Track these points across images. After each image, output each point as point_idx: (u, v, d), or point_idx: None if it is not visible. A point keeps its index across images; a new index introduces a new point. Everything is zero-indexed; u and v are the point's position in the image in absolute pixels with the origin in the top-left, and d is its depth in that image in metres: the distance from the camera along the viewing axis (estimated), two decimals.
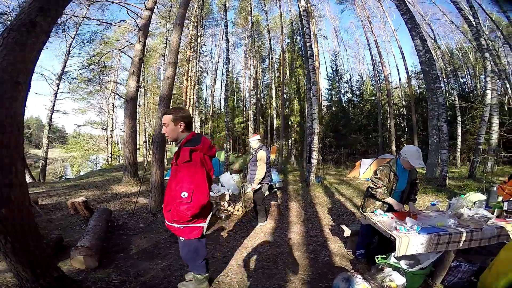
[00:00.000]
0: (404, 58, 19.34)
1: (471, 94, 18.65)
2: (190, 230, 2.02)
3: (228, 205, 4.98)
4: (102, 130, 21.67)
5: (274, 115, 21.22)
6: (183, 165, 1.84)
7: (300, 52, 19.66)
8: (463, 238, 2.18)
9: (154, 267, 2.94)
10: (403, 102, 22.84)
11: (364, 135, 19.79)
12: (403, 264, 2.22)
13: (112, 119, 22.05)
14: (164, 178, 5.61)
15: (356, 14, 21.00)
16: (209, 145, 2.04)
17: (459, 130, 13.90)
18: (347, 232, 3.26)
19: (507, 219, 2.42)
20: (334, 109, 22.07)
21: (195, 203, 1.83)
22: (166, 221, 2.06)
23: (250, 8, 17.25)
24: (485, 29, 13.49)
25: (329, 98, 22.81)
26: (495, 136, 9.44)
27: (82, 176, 13.62)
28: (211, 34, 24.75)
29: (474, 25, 9.40)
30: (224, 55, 13.22)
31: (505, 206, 2.42)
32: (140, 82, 16.46)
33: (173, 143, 2.18)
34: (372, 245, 3.17)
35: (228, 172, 7.05)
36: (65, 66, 14.70)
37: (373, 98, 22.13)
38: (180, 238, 2.10)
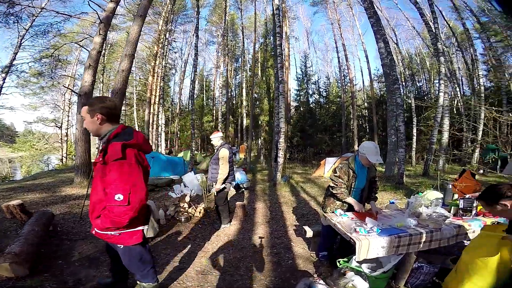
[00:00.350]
0: (368, 62, 20.73)
1: (425, 97, 20.25)
2: (128, 235, 1.75)
3: (189, 207, 4.68)
4: (56, 128, 19.82)
5: (244, 114, 21.09)
6: (114, 163, 1.55)
7: (272, 53, 19.79)
8: (423, 239, 2.16)
9: (98, 275, 2.65)
10: (365, 104, 24.20)
11: (329, 135, 20.49)
12: (365, 267, 2.15)
13: (68, 116, 20.24)
14: None
15: (328, 17, 21.93)
16: (144, 139, 1.78)
17: (414, 130, 15.15)
18: (309, 233, 3.16)
19: (463, 217, 2.47)
20: (302, 109, 22.53)
21: (133, 205, 1.56)
22: (95, 229, 1.74)
23: (225, 6, 16.92)
24: (442, 35, 14.69)
25: (298, 98, 23.25)
26: (445, 136, 10.29)
27: (28, 177, 12.20)
28: (183, 31, 23.84)
29: (433, 30, 10.17)
30: (193, 51, 12.70)
31: (461, 204, 2.47)
32: (98, 77, 15.33)
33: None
34: (335, 245, 3.11)
35: (192, 172, 6.71)
36: (14, 59, 13.15)
37: (338, 99, 23.10)
38: (119, 246, 1.81)
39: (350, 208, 2.84)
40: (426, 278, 2.28)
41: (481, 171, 8.96)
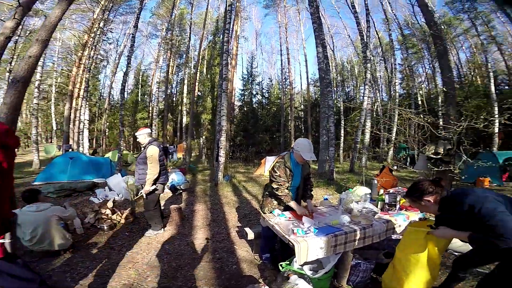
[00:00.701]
0: (307, 66, 22.60)
1: (352, 102, 22.80)
2: None
3: (113, 213, 4.14)
4: None
5: (185, 112, 20.15)
6: None
7: (220, 51, 19.37)
8: (358, 237, 2.24)
9: None
10: (302, 106, 25.98)
11: (270, 135, 21.24)
12: (306, 269, 2.15)
13: None
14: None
15: (277, 20, 22.88)
16: (6, 131, 1.42)
17: (342, 131, 17.08)
18: (250, 235, 3.06)
19: (389, 212, 2.68)
20: (245, 109, 22.81)
21: None
22: None
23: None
24: (371, 45, 16.81)
25: (242, 98, 23.46)
26: (367, 136, 11.68)
27: None
28: (122, 22, 21.34)
29: (365, 39, 11.50)
30: (130, 42, 11.51)
31: (386, 199, 2.71)
32: (6, 66, 12.52)
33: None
34: (277, 245, 3.07)
35: (119, 174, 6.01)
36: None
37: (279, 101, 24.13)
38: None
39: (287, 207, 2.79)
40: (365, 275, 2.38)
41: (395, 167, 10.44)
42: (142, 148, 3.77)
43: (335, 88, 21.60)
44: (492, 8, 14.92)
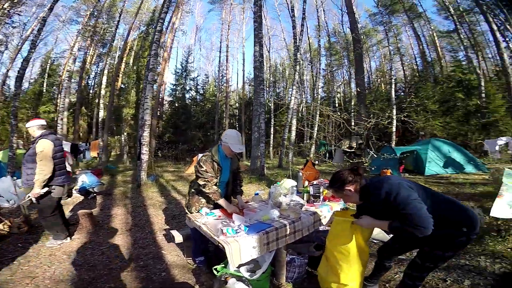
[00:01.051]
0: (244, 65, 23.82)
1: (281, 102, 24.30)
2: None
3: None
4: None
5: (102, 106, 17.73)
6: None
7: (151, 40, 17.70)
8: (288, 231, 2.20)
9: None
10: (237, 104, 26.41)
11: (203, 132, 20.77)
12: (243, 271, 2.02)
13: None
14: None
15: (221, 17, 22.60)
16: None
17: (272, 129, 18.21)
18: (178, 238, 2.79)
19: (314, 203, 2.78)
20: (176, 105, 21.64)
21: None
22: None
23: None
24: (302, 50, 18.16)
25: (174, 93, 22.13)
26: (293, 134, 12.57)
27: None
28: (37, 5, 17.32)
29: (297, 42, 12.39)
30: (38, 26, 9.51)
31: (311, 190, 2.84)
32: None
33: None
34: (211, 246, 2.81)
35: (9, 177, 4.86)
36: None
37: (214, 98, 23.85)
38: None
39: (217, 204, 2.60)
40: (301, 270, 2.36)
41: (317, 162, 11.51)
42: (33, 143, 3.07)
43: (267, 88, 22.72)
44: (403, 22, 18.30)
